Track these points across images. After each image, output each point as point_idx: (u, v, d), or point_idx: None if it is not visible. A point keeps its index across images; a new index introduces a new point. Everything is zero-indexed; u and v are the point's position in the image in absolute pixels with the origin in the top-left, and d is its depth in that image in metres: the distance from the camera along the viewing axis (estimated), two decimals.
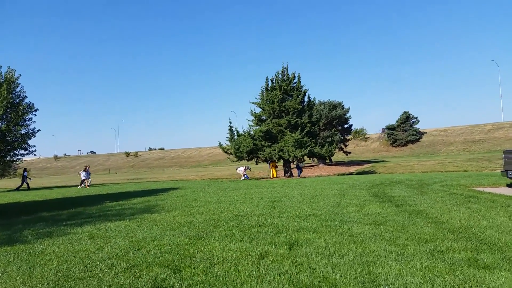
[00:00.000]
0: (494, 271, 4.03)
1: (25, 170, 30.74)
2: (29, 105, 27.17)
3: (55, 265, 4.94)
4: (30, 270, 4.77)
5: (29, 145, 27.74)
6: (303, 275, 4.09)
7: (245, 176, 28.77)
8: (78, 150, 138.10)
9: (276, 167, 29.81)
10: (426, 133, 74.47)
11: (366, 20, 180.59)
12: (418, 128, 73.12)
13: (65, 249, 5.87)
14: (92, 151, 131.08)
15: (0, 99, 24.96)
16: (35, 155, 30.25)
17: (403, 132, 71.91)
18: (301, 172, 29.41)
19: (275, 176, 28.98)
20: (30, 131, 27.53)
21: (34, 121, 27.60)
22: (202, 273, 4.33)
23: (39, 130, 28.13)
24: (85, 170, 28.30)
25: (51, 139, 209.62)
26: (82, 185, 27.65)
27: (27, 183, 29.65)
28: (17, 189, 28.68)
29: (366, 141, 79.99)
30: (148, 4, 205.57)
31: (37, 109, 27.69)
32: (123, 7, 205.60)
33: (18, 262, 5.22)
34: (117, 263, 4.86)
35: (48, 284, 4.23)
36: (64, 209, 11.55)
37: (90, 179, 28.31)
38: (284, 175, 29.57)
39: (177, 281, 4.08)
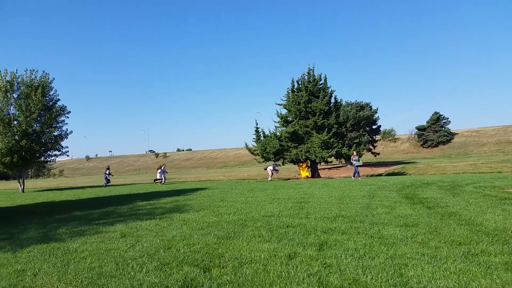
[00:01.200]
0: None
1: (107, 168, 31.68)
2: (61, 107, 28.11)
3: (88, 263, 5.07)
4: (64, 268, 4.92)
5: (62, 146, 28.69)
6: (333, 277, 4.04)
7: (276, 170, 28.22)
8: (110, 151, 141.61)
9: (309, 167, 28.42)
10: (457, 134, 72.45)
11: (395, 21, 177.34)
12: (449, 129, 71.23)
13: (97, 247, 6.02)
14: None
15: (35, 102, 25.97)
16: (68, 156, 31.22)
17: (434, 132, 70.17)
18: (356, 173, 24.13)
19: (308, 176, 28.05)
20: (63, 132, 28.48)
21: (67, 123, 28.65)
22: (231, 272, 4.35)
23: (72, 131, 29.08)
24: (161, 168, 29.08)
25: (83, 140, 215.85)
26: (159, 182, 28.75)
27: (108, 180, 30.68)
28: (105, 185, 29.76)
29: (395, 142, 78.49)
30: (175, 5, 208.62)
31: (69, 112, 28.63)
32: (152, 8, 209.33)
33: (53, 259, 5.39)
34: (148, 262, 4.95)
35: (82, 281, 4.34)
36: (96, 209, 11.85)
37: (163, 178, 28.98)
38: (312, 176, 29.35)
39: (206, 280, 4.12)
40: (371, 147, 53.89)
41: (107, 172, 31.04)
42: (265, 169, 29.62)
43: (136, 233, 7.10)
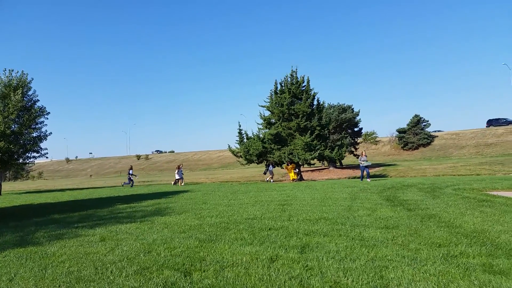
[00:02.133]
0: (511, 277, 3.94)
1: (130, 168, 30.57)
2: (41, 108, 27.53)
3: (66, 267, 4.96)
4: (42, 272, 4.80)
5: (41, 148, 28.07)
6: (314, 280, 4.04)
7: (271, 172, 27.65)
8: (90, 153, 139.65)
9: (295, 169, 26.93)
10: (437, 136, 73.73)
11: (375, 23, 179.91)
12: (430, 132, 72.41)
13: (76, 251, 5.89)
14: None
15: (14, 102, 25.36)
16: (47, 157, 30.57)
17: (414, 135, 71.25)
18: (363, 175, 22.59)
19: (294, 178, 26.56)
20: (42, 134, 27.88)
21: (46, 124, 27.95)
22: (212, 276, 4.31)
23: (51, 133, 28.47)
24: (179, 168, 28.56)
25: (63, 142, 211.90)
26: (178, 183, 28.11)
27: (132, 180, 29.64)
28: (131, 186, 28.81)
29: (376, 144, 79.44)
30: (157, 7, 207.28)
31: (49, 113, 28.04)
32: (132, 11, 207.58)
33: (30, 263, 5.26)
34: (128, 266, 4.87)
35: (59, 286, 4.24)
36: (76, 212, 11.63)
37: (182, 179, 28.41)
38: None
39: (187, 284, 4.07)
40: (353, 149, 54.36)
41: (130, 172, 29.89)
42: (268, 169, 28.04)
43: (116, 236, 6.98)
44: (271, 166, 28.11)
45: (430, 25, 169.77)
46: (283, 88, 29.77)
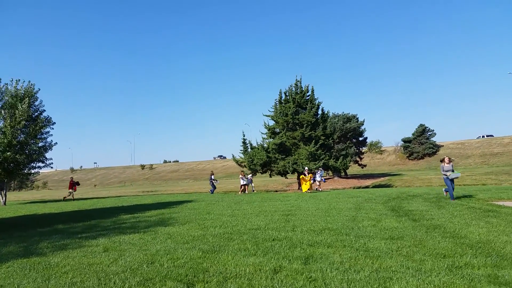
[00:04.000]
0: None
1: (212, 173, 29.38)
2: (47, 118, 27.72)
3: (69, 278, 4.95)
4: (45, 283, 4.79)
5: (46, 158, 28.19)
6: None
7: (323, 180, 25.67)
8: (94, 163, 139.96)
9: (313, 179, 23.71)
10: (443, 146, 73.47)
11: (382, 32, 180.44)
12: (435, 141, 72.18)
13: (79, 261, 5.89)
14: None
15: (21, 112, 25.58)
16: (52, 167, 30.66)
17: (420, 145, 71.04)
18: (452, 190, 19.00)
19: (308, 189, 22.66)
20: (47, 144, 28.02)
21: (51, 134, 28.00)
22: (215, 287, 4.28)
23: (56, 143, 28.53)
24: (244, 175, 27.30)
25: (67, 152, 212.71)
26: (251, 190, 26.99)
27: (214, 186, 28.61)
28: (212, 192, 27.99)
29: (381, 154, 79.21)
30: (162, 16, 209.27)
31: (55, 123, 28.16)
32: (138, 18, 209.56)
33: (33, 274, 5.25)
34: (131, 277, 4.85)
35: None
36: (79, 222, 11.64)
37: (251, 185, 26.99)
38: (299, 188, 29.39)
39: None
40: (357, 159, 54.28)
41: (212, 177, 28.63)
42: (316, 174, 25.41)
43: (119, 247, 6.97)
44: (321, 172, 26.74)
45: (436, 34, 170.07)
46: (288, 97, 29.87)
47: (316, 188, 24.98)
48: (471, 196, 14.02)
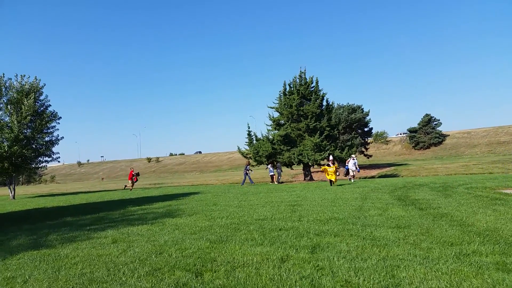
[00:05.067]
0: None
1: (248, 163, 28.54)
2: (53, 113, 27.87)
3: (79, 269, 5.01)
4: (55, 274, 4.86)
5: (53, 152, 28.42)
6: (325, 279, 4.03)
7: (358, 170, 23.43)
8: (101, 157, 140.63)
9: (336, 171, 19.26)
10: (449, 135, 73.02)
11: (386, 23, 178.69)
12: (441, 131, 71.78)
13: (89, 253, 5.96)
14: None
15: (27, 107, 25.73)
16: (59, 161, 30.97)
17: (425, 134, 70.68)
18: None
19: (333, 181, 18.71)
20: (54, 138, 28.22)
21: (58, 129, 28.26)
22: (223, 276, 4.33)
23: (63, 137, 28.82)
24: (272, 164, 27.12)
25: (74, 146, 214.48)
26: (277, 181, 26.50)
27: (248, 176, 27.75)
28: (242, 184, 27.42)
29: (387, 144, 78.92)
30: (167, 9, 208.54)
31: (60, 117, 28.38)
32: (143, 12, 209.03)
33: (44, 265, 5.32)
34: (140, 267, 4.91)
35: (72, 287, 4.29)
36: (88, 214, 11.75)
37: (278, 175, 26.63)
38: (304, 179, 29.41)
39: (198, 284, 4.09)
40: (363, 149, 54.12)
41: (247, 167, 27.81)
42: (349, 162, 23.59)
43: (128, 238, 7.04)
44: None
45: (441, 23, 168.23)
46: (292, 89, 29.75)
47: (350, 178, 23.02)
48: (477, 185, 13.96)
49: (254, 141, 29.55)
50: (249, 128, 30.07)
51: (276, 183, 25.82)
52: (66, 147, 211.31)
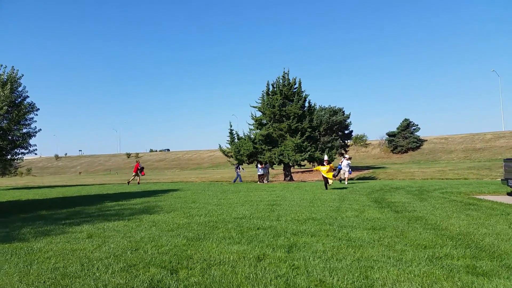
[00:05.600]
0: (493, 278, 4.01)
1: (238, 162, 28.42)
2: (31, 104, 27.25)
3: (52, 263, 4.93)
4: (27, 268, 4.77)
5: (30, 144, 27.76)
6: (300, 279, 4.07)
7: (349, 171, 21.57)
8: (80, 150, 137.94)
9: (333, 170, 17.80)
10: (426, 140, 74.40)
11: (367, 26, 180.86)
12: (419, 136, 73.08)
13: (63, 247, 5.86)
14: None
15: (3, 98, 25.09)
16: (36, 154, 30.21)
17: (404, 139, 71.88)
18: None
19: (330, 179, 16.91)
20: (31, 130, 27.58)
21: (36, 121, 27.52)
22: (198, 274, 4.32)
23: (40, 129, 28.08)
24: (261, 164, 26.95)
25: (52, 139, 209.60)
26: (264, 181, 26.51)
27: (239, 175, 28.39)
28: (234, 181, 27.74)
29: (366, 147, 79.94)
30: (149, 5, 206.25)
31: (39, 109, 27.58)
32: (124, 8, 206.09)
33: (15, 259, 5.21)
34: (114, 263, 4.85)
35: (44, 282, 4.22)
36: (63, 208, 11.54)
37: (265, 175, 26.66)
38: (284, 179, 29.54)
39: (173, 281, 4.07)
40: (343, 151, 54.67)
41: (238, 166, 28.37)
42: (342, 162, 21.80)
43: (103, 234, 6.95)
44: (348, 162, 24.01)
45: (421, 30, 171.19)
46: (275, 89, 29.85)
47: (341, 180, 21.73)
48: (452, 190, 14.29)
49: (236, 140, 29.52)
50: (231, 126, 30.02)
51: (265, 182, 25.95)
52: (44, 140, 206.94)
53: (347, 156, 21.78)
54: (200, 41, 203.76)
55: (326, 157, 19.60)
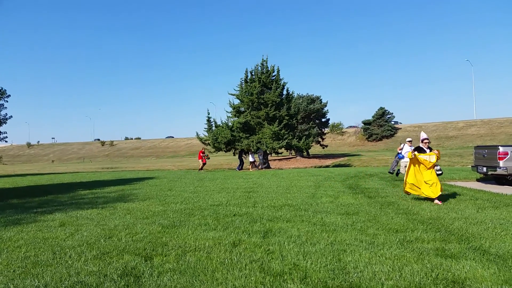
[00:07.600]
0: (460, 260, 4.15)
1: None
2: (0, 90, 26.38)
3: (22, 252, 4.82)
4: None
5: (0, 132, 26.97)
6: (274, 263, 4.12)
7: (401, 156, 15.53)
8: (52, 138, 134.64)
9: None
10: (401, 128, 75.92)
11: (345, 15, 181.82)
12: (394, 124, 74.49)
13: (34, 236, 5.73)
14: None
15: None
16: (6, 141, 29.45)
17: (379, 127, 73.12)
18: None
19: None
20: (1, 117, 26.77)
21: (6, 107, 26.81)
22: (173, 260, 4.30)
23: (11, 116, 27.42)
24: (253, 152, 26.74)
25: (24, 126, 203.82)
26: (257, 167, 26.25)
27: (242, 162, 27.39)
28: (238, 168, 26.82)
29: (343, 135, 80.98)
30: None
31: (9, 95, 26.99)
32: None
33: None
34: (87, 251, 4.78)
35: (14, 271, 4.12)
36: (35, 197, 11.27)
37: (260, 162, 26.57)
38: (262, 167, 29.69)
39: (147, 268, 4.05)
40: (320, 139, 55.22)
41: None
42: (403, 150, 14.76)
43: (76, 222, 6.83)
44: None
45: (397, 19, 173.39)
46: (254, 77, 29.79)
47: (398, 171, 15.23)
48: None
49: (214, 128, 29.40)
50: (209, 114, 29.94)
51: (258, 169, 26.05)
52: (15, 127, 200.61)
53: (410, 139, 15.05)
54: (178, 29, 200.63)
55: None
